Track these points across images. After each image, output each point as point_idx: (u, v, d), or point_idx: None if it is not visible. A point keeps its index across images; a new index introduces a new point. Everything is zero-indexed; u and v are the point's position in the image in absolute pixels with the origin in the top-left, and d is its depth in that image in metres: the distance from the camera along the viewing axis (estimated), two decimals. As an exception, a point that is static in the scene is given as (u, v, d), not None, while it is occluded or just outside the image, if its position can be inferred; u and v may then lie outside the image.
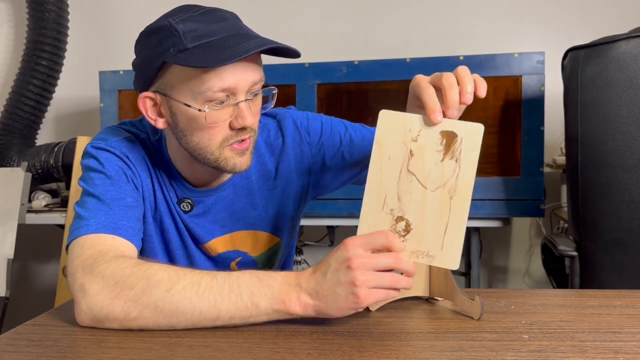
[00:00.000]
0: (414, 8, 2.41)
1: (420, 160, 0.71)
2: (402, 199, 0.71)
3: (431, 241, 0.71)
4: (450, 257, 0.71)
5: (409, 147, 0.71)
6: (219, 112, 0.83)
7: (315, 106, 1.99)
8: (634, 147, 1.41)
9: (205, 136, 0.85)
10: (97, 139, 0.93)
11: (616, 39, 1.43)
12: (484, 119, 1.91)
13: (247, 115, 0.84)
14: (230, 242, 1.01)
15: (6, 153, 2.41)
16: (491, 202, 1.88)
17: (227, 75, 0.80)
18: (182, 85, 0.83)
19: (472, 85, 0.73)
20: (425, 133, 0.70)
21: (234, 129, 0.85)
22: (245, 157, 0.88)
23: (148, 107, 0.88)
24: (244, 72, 0.82)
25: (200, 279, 0.73)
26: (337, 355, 0.63)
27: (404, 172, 0.71)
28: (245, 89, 0.83)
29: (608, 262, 1.49)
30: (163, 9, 0.86)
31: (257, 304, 0.71)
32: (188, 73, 0.81)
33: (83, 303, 0.74)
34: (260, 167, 1.01)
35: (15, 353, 0.66)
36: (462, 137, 0.70)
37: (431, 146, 0.70)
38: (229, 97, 0.83)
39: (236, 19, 0.86)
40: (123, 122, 0.99)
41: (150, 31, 0.84)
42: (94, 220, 0.82)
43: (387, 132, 0.71)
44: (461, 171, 0.70)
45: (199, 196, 0.96)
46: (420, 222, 0.71)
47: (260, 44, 0.80)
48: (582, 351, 0.63)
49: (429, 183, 0.71)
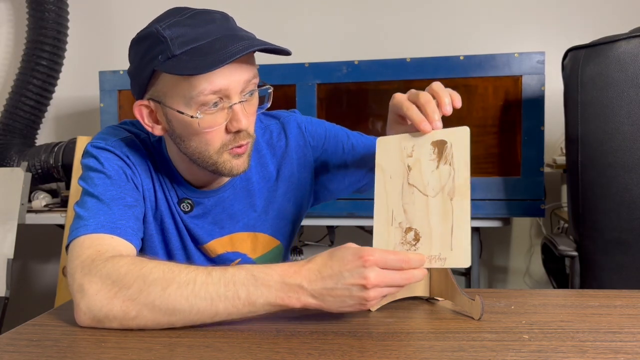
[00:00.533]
0: (414, 8, 2.41)
1: (418, 172, 0.76)
2: (407, 211, 0.76)
3: (440, 244, 0.74)
4: (461, 255, 0.73)
5: (406, 163, 0.78)
6: (214, 117, 0.83)
7: (315, 106, 1.99)
8: (634, 147, 1.41)
9: (202, 141, 0.85)
10: (97, 138, 0.93)
11: (616, 39, 1.43)
12: (484, 119, 1.91)
13: (242, 118, 0.83)
14: (230, 243, 1.01)
15: (6, 153, 2.41)
16: (491, 202, 1.88)
17: (217, 78, 0.80)
18: (174, 92, 0.82)
19: (449, 98, 0.78)
20: (418, 147, 0.77)
21: (231, 133, 0.85)
22: (241, 160, 0.88)
23: (144, 114, 0.88)
24: (235, 73, 0.81)
25: (195, 276, 0.72)
26: (337, 355, 0.63)
27: (405, 186, 0.77)
28: (237, 90, 0.83)
29: (608, 262, 1.49)
30: (163, 9, 0.86)
31: (254, 302, 0.71)
32: (178, 80, 0.81)
33: (82, 303, 0.74)
34: (261, 169, 1.01)
35: (15, 353, 0.66)
36: (451, 142, 0.75)
37: (425, 157, 0.76)
38: (222, 100, 0.82)
39: (226, 19, 0.85)
40: (124, 122, 0.99)
41: (139, 38, 0.84)
42: (93, 220, 0.82)
43: (385, 155, 0.79)
44: (456, 173, 0.74)
45: (199, 197, 0.96)
46: (428, 229, 0.75)
47: (248, 45, 0.79)
48: (582, 351, 0.63)
49: (429, 190, 0.75)
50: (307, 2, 2.48)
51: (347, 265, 0.69)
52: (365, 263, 0.69)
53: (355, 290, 0.69)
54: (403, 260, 0.71)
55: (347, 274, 0.69)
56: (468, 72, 1.88)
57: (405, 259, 0.71)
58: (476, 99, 1.91)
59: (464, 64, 1.88)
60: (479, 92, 1.91)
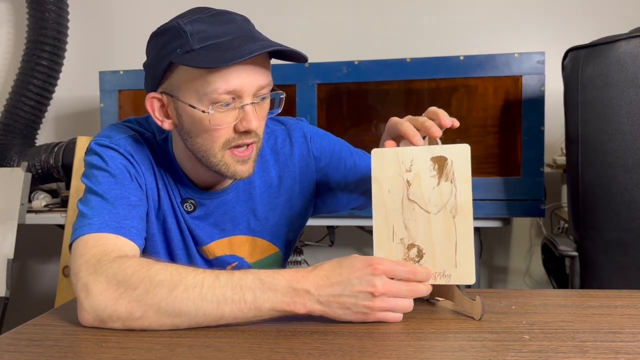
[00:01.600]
0: (414, 8, 2.41)
1: (418, 188, 0.76)
2: (409, 227, 0.76)
3: (445, 261, 0.75)
4: (465, 272, 0.75)
5: (405, 177, 0.77)
6: (224, 115, 0.83)
7: (315, 106, 1.99)
8: (634, 147, 1.41)
9: (209, 138, 0.85)
10: (101, 136, 0.93)
11: (616, 39, 1.43)
12: (484, 119, 1.91)
13: (252, 119, 0.83)
14: (229, 246, 1.01)
15: (6, 153, 2.41)
16: (491, 202, 1.88)
17: (232, 77, 0.80)
18: (188, 87, 0.83)
19: (445, 114, 0.79)
20: (417, 162, 0.76)
21: (238, 132, 0.85)
22: (247, 165, 0.88)
23: (155, 107, 0.88)
24: (250, 75, 0.82)
25: (202, 279, 0.72)
26: (337, 356, 0.63)
27: (405, 201, 0.77)
28: (251, 92, 0.83)
29: (608, 262, 1.49)
30: (163, 9, 0.87)
31: (260, 307, 0.71)
32: (193, 74, 0.81)
33: (86, 302, 0.73)
34: (264, 174, 1.01)
35: (15, 353, 0.66)
36: (452, 159, 0.75)
37: (425, 173, 0.76)
38: (235, 100, 0.83)
39: (246, 22, 0.86)
40: (128, 120, 0.99)
41: (160, 31, 0.85)
42: (97, 219, 0.82)
43: (381, 168, 0.78)
44: (458, 190, 0.75)
45: (202, 198, 0.96)
46: (431, 246, 0.75)
47: (265, 46, 0.80)
48: (583, 351, 0.63)
49: (430, 207, 0.76)
50: (307, 2, 2.48)
51: (356, 272, 0.71)
52: (375, 271, 0.70)
53: (362, 298, 0.70)
54: (411, 272, 0.73)
55: (356, 281, 0.70)
56: (468, 72, 1.88)
57: (412, 270, 0.73)
58: (476, 99, 1.91)
59: (464, 64, 1.88)
60: (479, 92, 1.91)
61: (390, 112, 1.97)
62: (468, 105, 1.92)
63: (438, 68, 1.91)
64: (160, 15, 0.86)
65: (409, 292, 0.73)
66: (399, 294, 0.72)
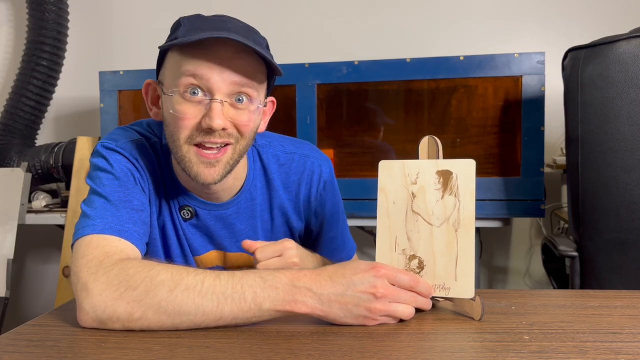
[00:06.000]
0: (414, 8, 2.41)
1: (422, 200, 0.77)
2: (411, 238, 0.78)
3: (444, 274, 0.76)
4: (465, 286, 0.75)
5: (410, 189, 0.78)
6: (190, 105, 0.83)
7: (315, 106, 1.99)
8: (634, 147, 1.41)
9: (175, 126, 0.85)
10: (108, 138, 0.93)
11: (616, 39, 1.43)
12: (484, 119, 1.91)
13: (215, 116, 0.81)
14: (222, 258, 1.01)
15: (6, 153, 2.41)
16: (491, 202, 1.88)
17: (202, 65, 0.81)
18: (168, 73, 0.85)
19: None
20: (422, 175, 0.78)
21: (202, 129, 0.83)
22: (213, 170, 0.86)
23: (149, 93, 0.92)
24: (225, 72, 0.82)
25: (203, 278, 0.72)
26: (337, 356, 0.63)
27: (409, 213, 0.78)
28: (222, 88, 0.82)
29: (608, 262, 1.49)
30: (163, 10, 0.87)
31: (260, 305, 0.71)
32: (175, 59, 0.84)
33: (86, 303, 0.73)
34: (269, 196, 1.01)
35: (15, 353, 0.66)
36: (457, 174, 0.76)
37: (430, 186, 0.77)
38: (205, 93, 0.83)
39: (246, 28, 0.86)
40: (139, 123, 0.99)
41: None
42: (101, 220, 0.82)
43: (388, 180, 0.79)
44: (461, 204, 0.76)
45: (200, 207, 0.96)
46: (432, 258, 0.77)
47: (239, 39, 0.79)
48: (583, 352, 0.63)
49: (433, 220, 0.77)
50: (307, 2, 2.48)
51: (359, 274, 0.71)
52: (377, 273, 0.71)
53: (363, 300, 0.70)
54: (412, 280, 0.74)
55: (358, 281, 0.71)
56: (468, 72, 1.88)
57: (414, 279, 0.74)
58: (476, 99, 1.91)
59: (464, 64, 1.88)
60: (479, 92, 1.91)
61: (390, 112, 1.97)
62: (468, 105, 1.92)
63: (438, 68, 1.91)
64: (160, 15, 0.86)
65: (409, 299, 0.73)
66: (399, 299, 0.72)
